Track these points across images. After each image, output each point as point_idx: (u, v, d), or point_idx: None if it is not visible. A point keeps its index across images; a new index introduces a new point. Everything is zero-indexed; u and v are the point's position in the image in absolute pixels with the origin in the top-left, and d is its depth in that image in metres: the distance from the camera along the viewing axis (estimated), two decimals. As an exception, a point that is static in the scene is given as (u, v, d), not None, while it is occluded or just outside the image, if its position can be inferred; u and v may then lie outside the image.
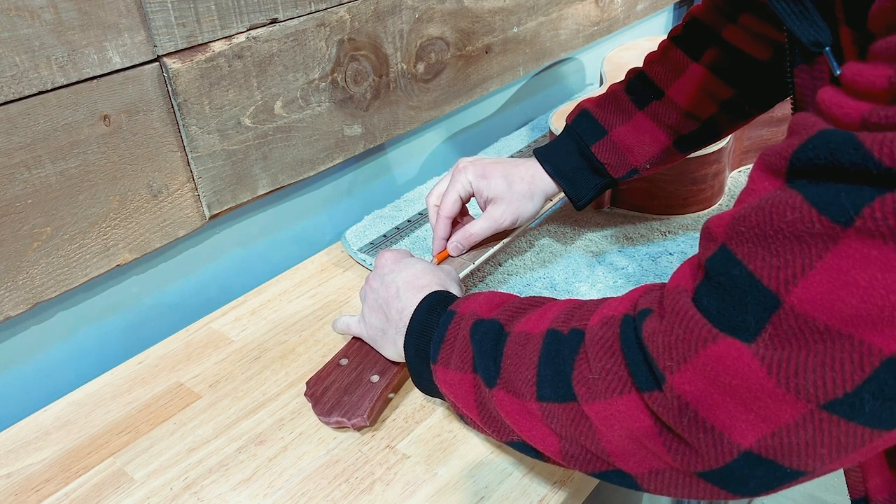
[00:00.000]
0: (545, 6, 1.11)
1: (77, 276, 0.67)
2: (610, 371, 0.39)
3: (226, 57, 0.72)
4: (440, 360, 0.51)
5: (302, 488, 0.54)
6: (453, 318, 0.52)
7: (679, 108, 0.69)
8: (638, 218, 0.85)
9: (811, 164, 0.31)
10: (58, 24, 0.59)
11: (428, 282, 0.58)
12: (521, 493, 0.52)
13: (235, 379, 0.66)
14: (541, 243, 0.81)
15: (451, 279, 0.61)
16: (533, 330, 0.46)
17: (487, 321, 0.49)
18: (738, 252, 0.34)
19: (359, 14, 0.83)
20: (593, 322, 0.42)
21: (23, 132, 0.60)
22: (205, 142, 0.73)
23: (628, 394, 0.38)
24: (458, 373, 0.49)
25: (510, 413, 0.45)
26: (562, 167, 0.71)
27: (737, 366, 0.33)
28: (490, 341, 0.47)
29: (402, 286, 0.58)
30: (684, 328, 0.35)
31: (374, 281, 0.61)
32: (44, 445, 0.60)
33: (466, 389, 0.49)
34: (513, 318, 0.49)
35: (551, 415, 0.42)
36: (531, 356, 0.44)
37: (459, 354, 0.49)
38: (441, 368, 0.51)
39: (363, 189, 0.97)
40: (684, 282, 0.37)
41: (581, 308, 0.45)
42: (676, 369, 0.35)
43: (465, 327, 0.50)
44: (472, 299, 0.53)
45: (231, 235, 0.82)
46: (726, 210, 0.36)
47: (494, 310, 0.50)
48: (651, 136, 0.70)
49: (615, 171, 0.70)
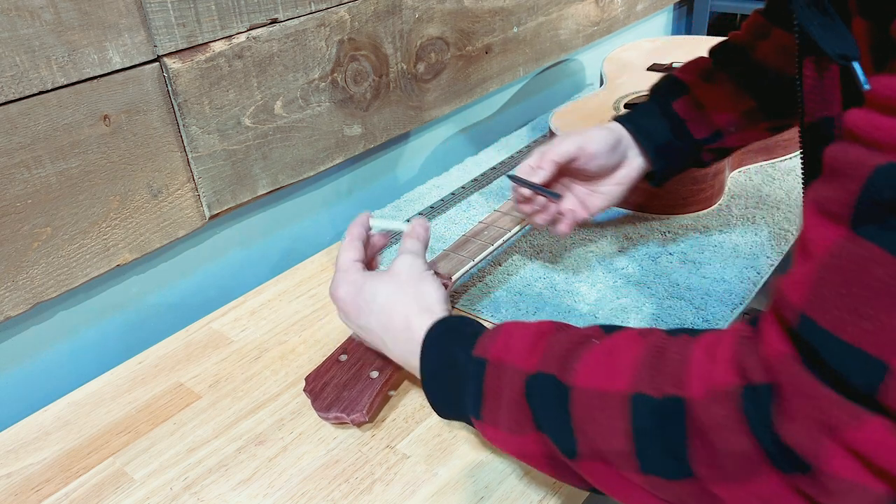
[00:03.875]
0: (545, 6, 1.11)
1: (77, 276, 0.67)
2: (743, 454, 0.35)
3: (226, 57, 0.72)
4: (486, 418, 0.47)
5: (302, 488, 0.54)
6: (486, 368, 0.47)
7: (764, 69, 0.66)
8: (638, 218, 0.85)
9: (878, 208, 0.30)
10: (58, 24, 0.59)
11: (404, 318, 0.53)
12: (521, 493, 0.52)
13: (235, 379, 0.66)
14: (541, 243, 0.81)
15: (423, 289, 0.54)
16: (605, 387, 0.41)
17: (539, 377, 0.44)
18: (821, 321, 0.32)
19: (359, 14, 0.83)
20: (697, 393, 0.37)
21: (23, 132, 0.60)
22: (205, 142, 0.73)
23: (768, 475, 0.35)
24: (517, 435, 0.45)
25: (604, 480, 0.41)
26: (643, 126, 0.68)
27: (886, 441, 0.31)
28: (553, 403, 0.42)
29: (383, 335, 0.54)
30: (819, 410, 0.32)
31: (351, 325, 0.58)
32: (44, 445, 0.60)
33: (531, 449, 0.45)
34: (564, 365, 0.43)
35: (661, 487, 0.39)
36: (618, 424, 0.39)
37: (513, 415, 0.45)
38: (490, 428, 0.47)
39: (363, 189, 0.97)
40: (781, 344, 0.35)
41: (660, 360, 0.40)
42: (824, 455, 0.33)
43: (512, 385, 0.45)
44: (499, 339, 0.47)
45: (231, 235, 0.82)
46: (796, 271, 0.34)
47: (535, 356, 0.45)
48: (733, 96, 0.67)
49: (697, 130, 0.67)
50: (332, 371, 0.61)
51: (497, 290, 0.74)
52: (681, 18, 1.65)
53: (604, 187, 0.69)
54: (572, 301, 0.71)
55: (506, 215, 0.74)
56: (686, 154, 0.69)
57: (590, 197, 0.70)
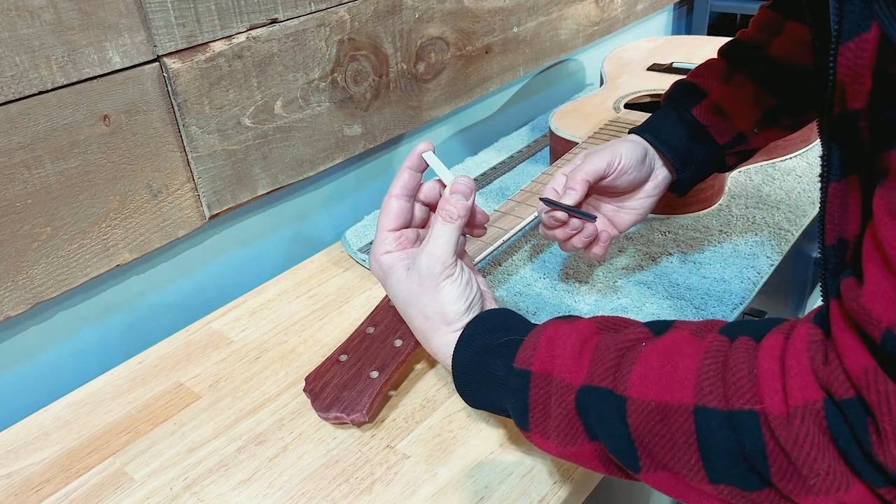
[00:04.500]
0: (545, 6, 1.11)
1: (77, 276, 0.67)
2: (830, 470, 0.35)
3: (226, 57, 0.72)
4: (534, 430, 0.45)
5: (302, 488, 0.54)
6: (530, 381, 0.45)
7: (782, 65, 0.65)
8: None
9: None
10: (58, 24, 0.59)
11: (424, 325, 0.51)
12: (521, 493, 0.52)
13: (235, 379, 0.66)
14: (541, 243, 0.81)
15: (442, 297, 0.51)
16: (666, 399, 0.39)
17: (590, 390, 0.42)
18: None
19: (359, 14, 0.83)
20: (775, 407, 0.36)
21: (23, 132, 0.60)
22: (205, 142, 0.73)
23: (856, 488, 0.35)
24: (570, 446, 0.44)
25: (670, 488, 0.40)
26: (664, 136, 0.65)
27: None
28: (608, 416, 0.41)
29: (418, 325, 0.52)
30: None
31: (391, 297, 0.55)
32: (44, 445, 0.60)
33: (587, 456, 0.44)
34: (616, 376, 0.41)
35: (735, 496, 0.38)
36: (684, 437, 0.38)
37: (565, 429, 0.43)
38: (538, 438, 0.45)
39: (363, 189, 0.97)
40: (863, 357, 0.34)
41: (724, 370, 0.38)
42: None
43: (562, 399, 0.43)
44: (542, 348, 0.45)
45: (231, 235, 0.82)
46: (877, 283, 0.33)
47: (582, 367, 0.43)
48: (752, 96, 0.65)
49: (720, 135, 0.66)
50: (332, 371, 0.61)
51: (497, 290, 0.74)
52: (681, 18, 1.65)
53: (633, 202, 0.67)
54: (572, 301, 0.71)
55: (506, 215, 0.74)
56: (710, 160, 0.67)
57: (618, 214, 0.67)
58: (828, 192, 0.40)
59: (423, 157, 0.54)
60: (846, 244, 0.40)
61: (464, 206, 0.51)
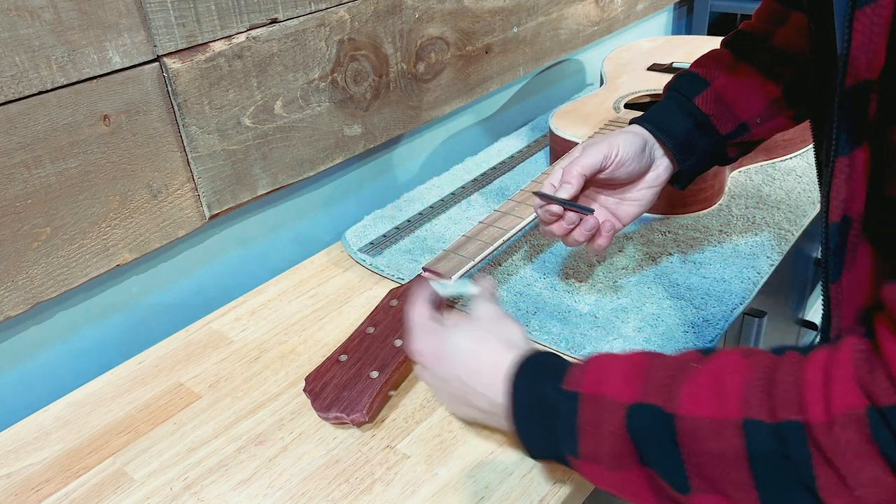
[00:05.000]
0: (545, 6, 1.11)
1: (77, 276, 0.67)
2: (875, 480, 0.34)
3: (226, 57, 0.72)
4: (583, 454, 0.44)
5: (302, 488, 0.54)
6: (580, 401, 0.44)
7: (786, 55, 0.64)
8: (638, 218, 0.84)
9: None
10: (58, 24, 0.59)
11: (491, 356, 0.51)
12: (521, 493, 0.52)
13: (235, 379, 0.66)
14: (541, 243, 0.81)
15: (505, 327, 0.53)
16: (714, 414, 0.38)
17: (640, 407, 0.41)
18: None
19: (359, 14, 0.83)
20: (818, 416, 0.35)
21: (23, 132, 0.60)
22: (205, 142, 0.73)
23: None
24: (619, 471, 0.43)
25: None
26: (664, 125, 0.65)
27: None
28: (658, 435, 0.40)
29: (469, 381, 0.51)
30: None
31: (432, 379, 0.55)
32: (44, 445, 0.60)
33: (636, 484, 0.42)
34: (667, 394, 0.41)
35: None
36: (733, 453, 0.37)
37: (614, 450, 0.42)
38: (588, 464, 0.44)
39: (363, 189, 0.97)
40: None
41: (771, 382, 0.38)
42: None
43: (612, 418, 0.42)
44: (591, 371, 0.45)
45: (231, 235, 0.82)
46: None
47: (633, 386, 0.42)
48: (756, 85, 0.65)
49: (722, 124, 0.65)
50: (332, 371, 0.61)
51: (497, 290, 0.74)
52: (681, 18, 1.65)
53: (634, 193, 0.66)
54: (572, 301, 0.71)
55: (506, 215, 0.74)
56: (712, 151, 0.66)
57: (620, 206, 0.66)
58: (834, 168, 0.40)
59: (436, 290, 0.62)
60: (850, 222, 0.40)
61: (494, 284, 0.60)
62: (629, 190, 0.66)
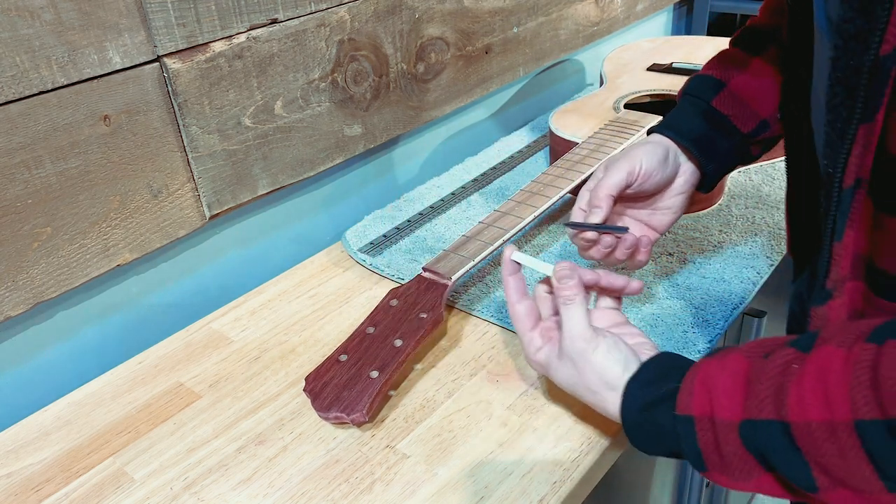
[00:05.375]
0: (545, 6, 1.11)
1: (77, 276, 0.67)
2: None
3: (226, 57, 0.72)
4: (712, 470, 0.46)
5: (302, 488, 0.54)
6: (695, 426, 0.45)
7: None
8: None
9: None
10: (58, 25, 0.59)
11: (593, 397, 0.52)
12: (521, 492, 0.52)
13: (235, 379, 0.66)
14: (541, 243, 0.81)
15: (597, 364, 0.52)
16: (826, 418, 0.39)
17: (753, 424, 0.43)
18: None
19: (359, 14, 0.83)
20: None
21: (23, 132, 0.60)
22: (205, 142, 0.73)
23: None
24: (750, 480, 0.44)
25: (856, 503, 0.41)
26: (684, 130, 0.64)
27: None
28: (777, 445, 0.41)
29: (590, 400, 0.53)
30: None
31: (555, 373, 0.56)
32: (44, 445, 0.60)
33: (770, 487, 0.44)
34: (776, 405, 0.42)
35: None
36: (853, 451, 0.38)
37: (739, 465, 0.44)
38: (719, 476, 0.46)
39: (363, 189, 0.97)
40: None
41: (876, 379, 0.38)
42: None
43: (728, 438, 0.44)
44: (697, 391, 0.46)
45: (231, 235, 0.82)
46: None
47: (740, 402, 0.43)
48: (773, 80, 0.64)
49: (743, 123, 0.64)
50: (332, 371, 0.61)
51: (497, 290, 0.74)
52: (681, 18, 1.65)
53: (665, 202, 0.66)
54: (572, 301, 0.71)
55: (506, 215, 0.74)
56: (735, 151, 0.66)
57: (654, 217, 0.66)
58: (857, 134, 0.40)
59: (514, 260, 0.58)
60: (861, 183, 0.41)
61: (574, 286, 0.54)
62: (659, 200, 0.66)
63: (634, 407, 0.49)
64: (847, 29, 0.39)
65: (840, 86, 0.40)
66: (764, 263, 0.74)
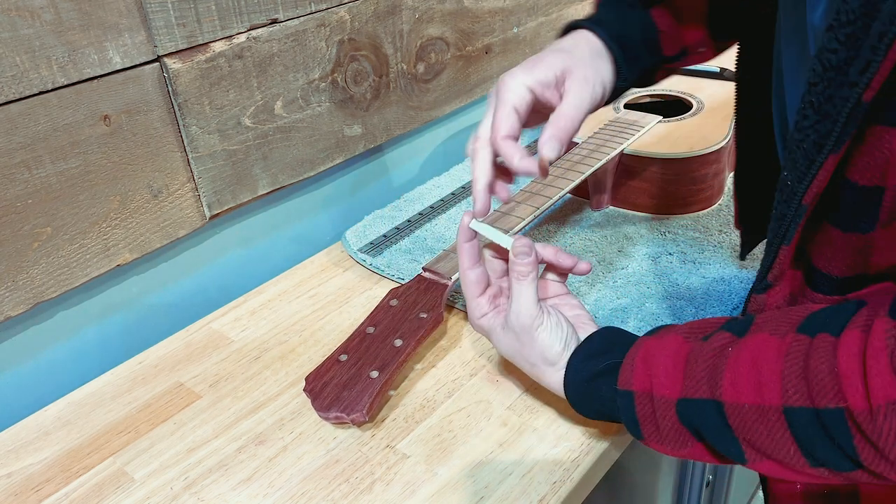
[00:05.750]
0: (545, 6, 1.11)
1: (77, 276, 0.67)
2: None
3: (226, 57, 0.72)
4: (648, 439, 0.49)
5: (302, 488, 0.54)
6: (634, 399, 0.48)
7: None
8: (638, 218, 0.85)
9: None
10: (58, 25, 0.59)
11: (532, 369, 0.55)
12: (521, 492, 0.52)
13: (235, 379, 0.66)
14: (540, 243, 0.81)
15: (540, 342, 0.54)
16: (758, 401, 0.42)
17: (688, 402, 0.45)
18: None
19: (359, 14, 0.83)
20: (858, 405, 0.37)
21: (23, 132, 0.60)
22: (205, 142, 0.73)
23: None
24: (683, 448, 0.47)
25: (778, 472, 0.44)
26: (619, 32, 0.56)
27: None
28: (710, 422, 0.44)
29: (528, 371, 0.56)
30: None
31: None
32: (44, 445, 0.60)
33: (700, 454, 0.47)
34: (711, 385, 0.44)
35: (836, 476, 0.41)
36: (780, 432, 0.41)
37: (674, 437, 0.47)
38: (654, 444, 0.49)
39: (363, 189, 0.97)
40: None
41: (807, 370, 0.40)
42: None
43: (665, 413, 0.47)
44: (639, 368, 0.48)
45: (231, 235, 0.82)
46: None
47: (678, 381, 0.46)
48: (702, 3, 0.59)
49: (669, 45, 0.59)
50: (332, 371, 0.61)
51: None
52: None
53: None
54: (572, 301, 0.71)
55: (506, 215, 0.74)
56: (646, 72, 0.59)
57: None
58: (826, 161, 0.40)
59: (472, 228, 0.57)
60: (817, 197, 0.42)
61: (529, 263, 0.54)
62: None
63: (578, 378, 0.52)
64: (829, 58, 0.38)
65: (811, 109, 0.40)
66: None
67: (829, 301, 0.46)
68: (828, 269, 0.45)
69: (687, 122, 0.88)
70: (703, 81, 0.99)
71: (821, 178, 0.41)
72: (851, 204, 0.42)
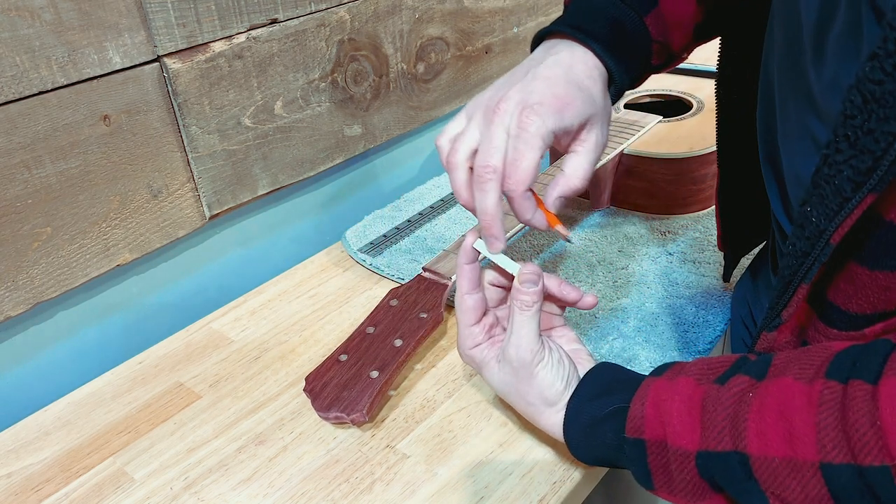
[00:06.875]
0: (545, 6, 1.11)
1: (77, 276, 0.67)
2: None
3: (226, 57, 0.72)
4: (659, 488, 0.45)
5: (302, 488, 0.54)
6: (646, 449, 0.45)
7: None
8: (638, 218, 0.85)
9: None
10: (58, 25, 0.59)
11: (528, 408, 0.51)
12: (521, 492, 0.52)
13: (235, 379, 0.66)
14: (541, 243, 0.82)
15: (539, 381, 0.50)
16: (790, 455, 0.39)
17: (709, 455, 0.42)
18: None
19: (359, 14, 0.83)
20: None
21: (23, 132, 0.60)
22: (205, 142, 0.73)
23: None
24: (698, 500, 0.44)
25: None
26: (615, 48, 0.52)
27: None
28: (734, 475, 0.41)
29: (522, 410, 0.52)
30: None
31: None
32: (44, 445, 0.60)
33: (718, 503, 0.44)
34: (734, 436, 0.41)
35: None
36: (816, 490, 0.38)
37: (690, 489, 0.44)
38: (666, 494, 0.46)
39: (363, 189, 0.97)
40: None
41: (845, 423, 0.37)
42: None
43: (682, 466, 0.43)
44: (650, 415, 0.45)
45: (231, 235, 0.82)
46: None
47: (696, 431, 0.42)
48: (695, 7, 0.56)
49: (658, 55, 0.56)
50: (332, 371, 0.61)
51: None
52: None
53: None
54: (572, 301, 0.71)
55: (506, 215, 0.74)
56: (631, 82, 0.56)
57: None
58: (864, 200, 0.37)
59: (475, 248, 0.53)
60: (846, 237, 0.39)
61: (536, 293, 0.51)
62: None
63: (579, 424, 0.49)
64: (872, 90, 0.35)
65: (846, 143, 0.37)
66: (764, 263, 0.74)
67: (844, 336, 0.44)
68: (847, 305, 0.43)
69: (687, 122, 0.88)
70: (704, 81, 0.99)
71: (854, 218, 0.38)
72: (883, 243, 0.39)
